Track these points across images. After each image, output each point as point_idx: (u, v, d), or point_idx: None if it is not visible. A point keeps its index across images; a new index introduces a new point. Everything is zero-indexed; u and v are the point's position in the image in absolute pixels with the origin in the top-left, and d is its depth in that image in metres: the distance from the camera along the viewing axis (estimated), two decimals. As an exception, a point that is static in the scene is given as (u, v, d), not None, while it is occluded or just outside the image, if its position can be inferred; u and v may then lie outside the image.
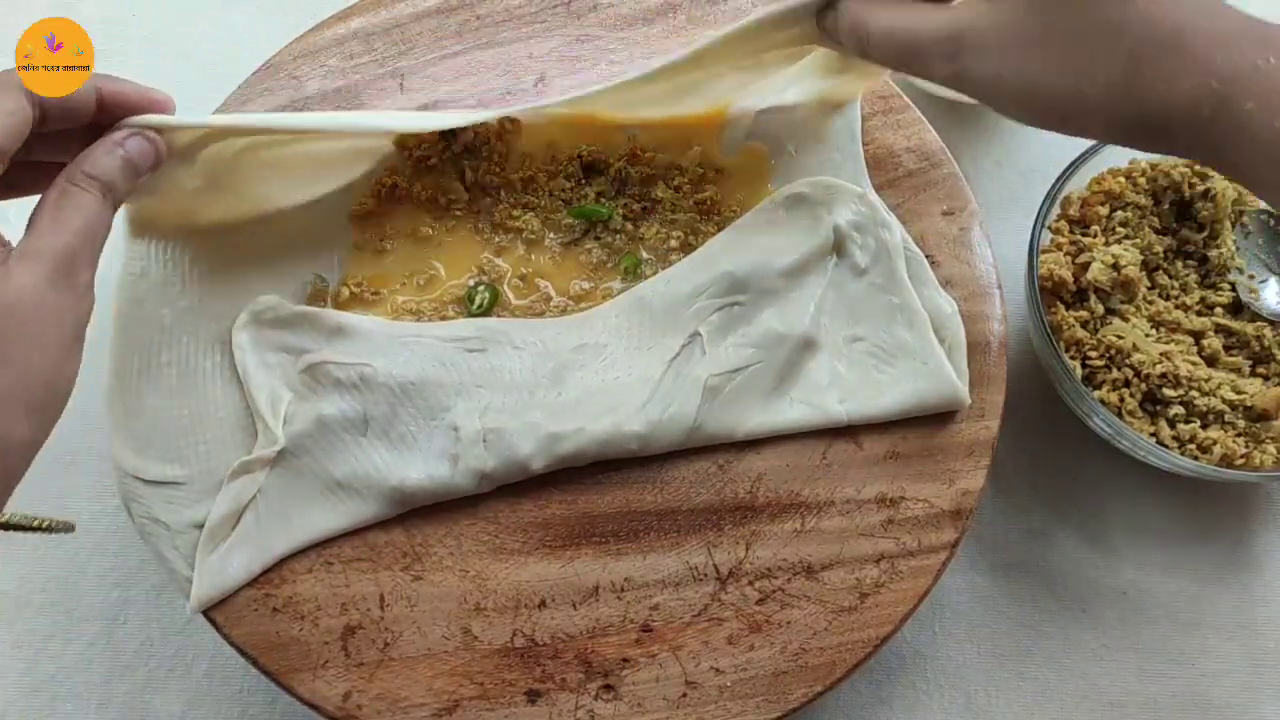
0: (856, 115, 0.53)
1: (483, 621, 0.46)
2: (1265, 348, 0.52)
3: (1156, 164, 0.55)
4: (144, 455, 0.46)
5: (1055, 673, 0.53)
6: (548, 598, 0.47)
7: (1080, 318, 0.52)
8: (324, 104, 0.54)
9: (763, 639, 0.46)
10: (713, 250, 0.51)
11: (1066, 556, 0.55)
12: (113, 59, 0.64)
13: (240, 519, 0.46)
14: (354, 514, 0.47)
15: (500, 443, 0.47)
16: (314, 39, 0.56)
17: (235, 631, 0.45)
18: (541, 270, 0.52)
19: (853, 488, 0.48)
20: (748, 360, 0.48)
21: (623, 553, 0.47)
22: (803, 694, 0.45)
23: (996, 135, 0.63)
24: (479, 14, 0.57)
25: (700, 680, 0.45)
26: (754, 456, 0.49)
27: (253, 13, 0.66)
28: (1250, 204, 0.55)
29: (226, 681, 0.52)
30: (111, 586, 0.54)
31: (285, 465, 0.47)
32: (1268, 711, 0.52)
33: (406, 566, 0.47)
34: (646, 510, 0.48)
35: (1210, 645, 0.53)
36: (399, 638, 0.46)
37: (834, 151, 0.52)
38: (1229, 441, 0.50)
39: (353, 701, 0.45)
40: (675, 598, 0.47)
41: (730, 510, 0.48)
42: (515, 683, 0.45)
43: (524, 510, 0.48)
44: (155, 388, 0.47)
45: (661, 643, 0.46)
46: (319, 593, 0.46)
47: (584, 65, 0.55)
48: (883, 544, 0.47)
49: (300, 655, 0.45)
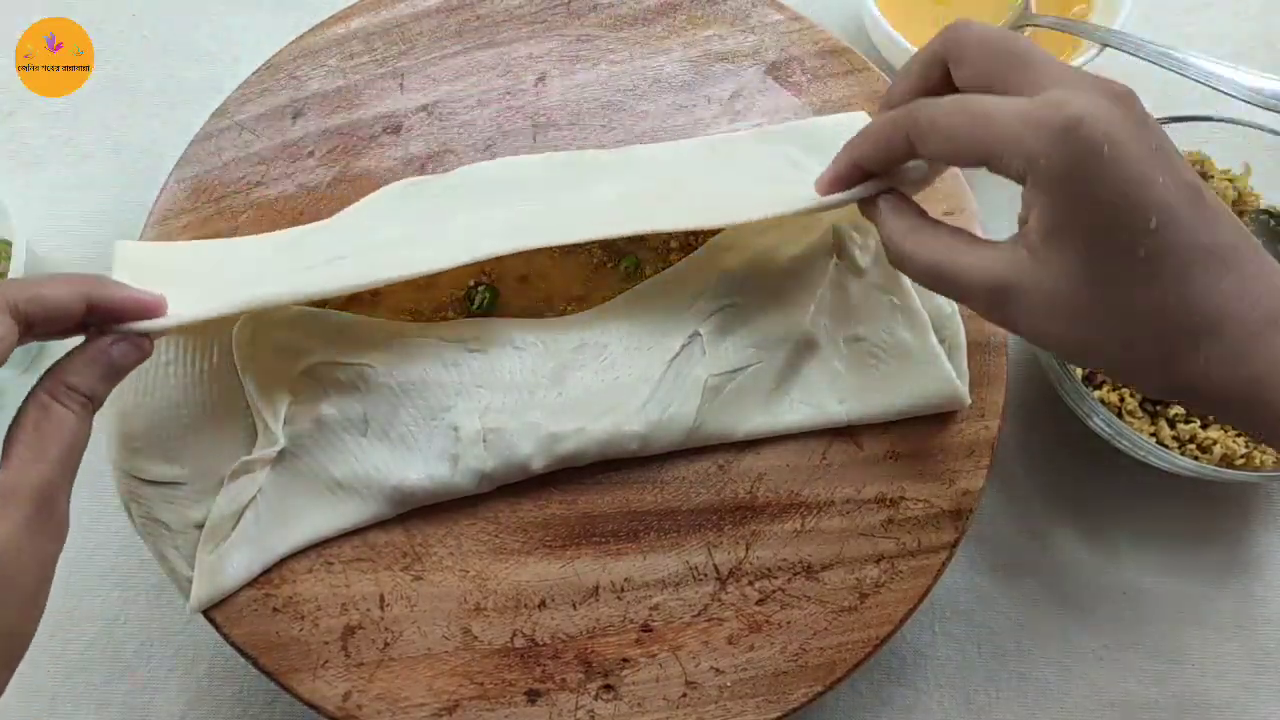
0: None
1: (483, 621, 0.46)
2: (1265, 348, 0.52)
3: (1156, 164, 0.55)
4: (144, 455, 0.46)
5: (1055, 673, 0.53)
6: (548, 598, 0.47)
7: (1080, 318, 0.52)
8: (324, 104, 0.54)
9: (763, 639, 0.46)
10: (714, 246, 0.51)
11: (1066, 556, 0.55)
12: (113, 59, 0.64)
13: (240, 519, 0.46)
14: (354, 514, 0.47)
15: (500, 443, 0.47)
16: (314, 39, 0.56)
17: (235, 631, 0.45)
18: (541, 270, 0.52)
19: (853, 488, 0.48)
20: (748, 360, 0.48)
21: (623, 553, 0.47)
22: (803, 694, 0.45)
23: (996, 135, 0.63)
24: (479, 14, 0.57)
25: (700, 680, 0.45)
26: (754, 456, 0.49)
27: (253, 13, 0.66)
28: (1250, 204, 0.55)
29: (226, 681, 0.52)
30: (111, 586, 0.54)
31: (285, 465, 0.47)
32: (1268, 711, 0.52)
33: (406, 566, 0.47)
34: (646, 510, 0.48)
35: (1210, 645, 0.53)
36: (399, 638, 0.46)
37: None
38: (1229, 441, 0.50)
39: (353, 701, 0.45)
40: (675, 598, 0.47)
41: (730, 510, 0.48)
42: (515, 683, 0.45)
43: (524, 510, 0.48)
44: (155, 387, 0.47)
45: (661, 643, 0.46)
46: (319, 593, 0.46)
47: (584, 65, 0.55)
48: (883, 544, 0.47)
49: (300, 655, 0.45)
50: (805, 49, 0.56)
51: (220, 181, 0.53)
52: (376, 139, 0.54)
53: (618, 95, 0.55)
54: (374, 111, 0.55)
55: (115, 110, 0.63)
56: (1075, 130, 0.33)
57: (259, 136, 0.54)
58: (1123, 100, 0.34)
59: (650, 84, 0.55)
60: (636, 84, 0.55)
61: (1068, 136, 0.33)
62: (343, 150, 0.54)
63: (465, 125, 0.54)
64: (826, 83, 0.55)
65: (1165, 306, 0.34)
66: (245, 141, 0.54)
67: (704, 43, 0.56)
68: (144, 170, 0.61)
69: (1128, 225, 0.33)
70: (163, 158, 0.60)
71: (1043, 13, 0.60)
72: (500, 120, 0.54)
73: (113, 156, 0.62)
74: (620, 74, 0.55)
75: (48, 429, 0.36)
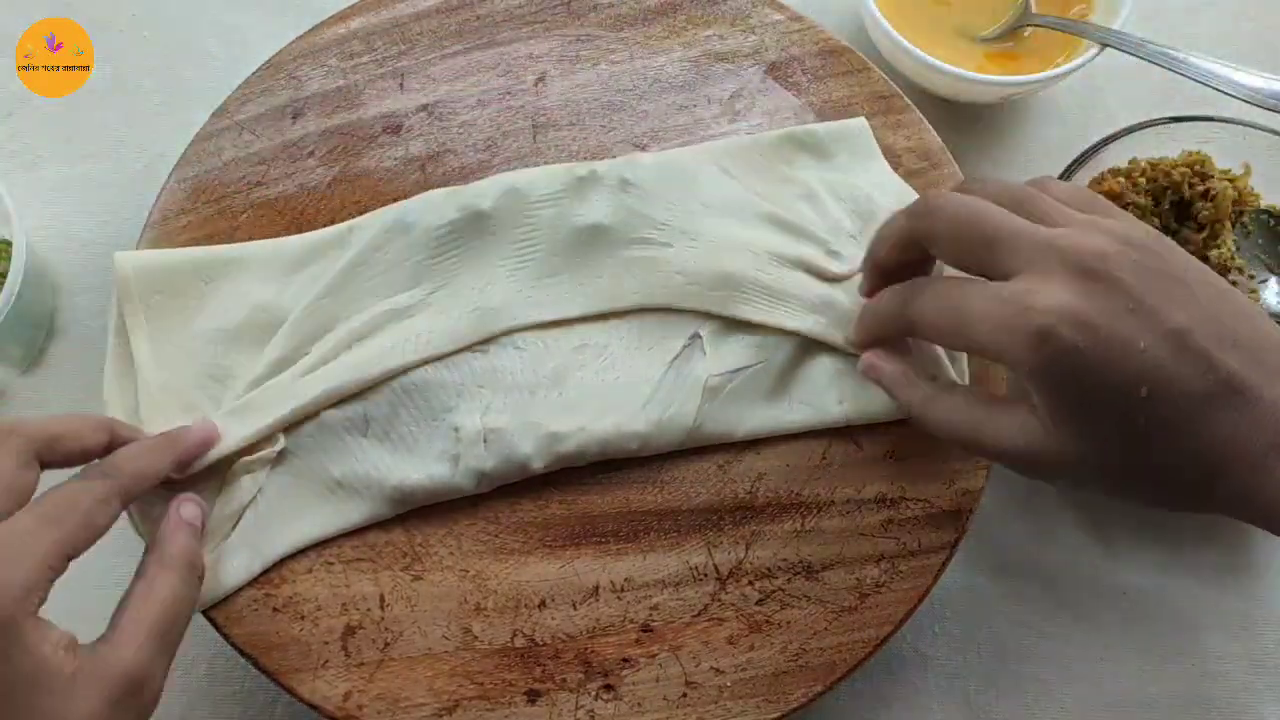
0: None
1: (483, 621, 0.46)
2: (1265, 348, 0.52)
3: (1156, 164, 0.55)
4: (144, 455, 0.46)
5: (1055, 673, 0.53)
6: (548, 598, 0.47)
7: (1080, 318, 0.52)
8: (324, 104, 0.54)
9: (763, 639, 0.46)
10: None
11: (1066, 556, 0.55)
12: (113, 59, 0.64)
13: (240, 519, 0.46)
14: (354, 514, 0.47)
15: (501, 443, 0.47)
16: (314, 39, 0.56)
17: (235, 631, 0.45)
18: (541, 270, 0.52)
19: (853, 488, 0.48)
20: (748, 360, 0.48)
21: (623, 553, 0.47)
22: (803, 694, 0.45)
23: (996, 135, 0.63)
24: (479, 14, 0.57)
25: (700, 680, 0.45)
26: (754, 456, 0.49)
27: (253, 13, 0.66)
28: (1250, 204, 0.55)
29: (226, 681, 0.52)
30: (112, 586, 0.54)
31: (285, 465, 0.47)
32: (1268, 711, 0.52)
33: (406, 566, 0.47)
34: (646, 510, 0.48)
35: (1210, 645, 0.53)
36: (399, 638, 0.46)
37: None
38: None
39: (353, 701, 0.45)
40: (675, 598, 0.47)
41: (730, 510, 0.48)
42: (515, 683, 0.45)
43: (524, 510, 0.48)
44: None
45: (661, 643, 0.46)
46: (319, 593, 0.46)
47: (584, 65, 0.55)
48: (883, 544, 0.47)
49: (300, 655, 0.45)
50: (805, 49, 0.56)
51: (220, 182, 0.53)
52: (376, 139, 0.54)
53: (618, 95, 0.55)
54: (374, 111, 0.55)
55: (115, 110, 0.63)
56: (1047, 340, 0.35)
57: (259, 136, 0.54)
58: (1092, 276, 0.35)
59: (650, 84, 0.55)
60: (636, 84, 0.55)
61: (1042, 346, 0.35)
62: (343, 150, 0.54)
63: (465, 125, 0.54)
64: (826, 83, 0.55)
65: (1180, 463, 0.35)
66: (245, 141, 0.54)
67: (704, 43, 0.56)
68: (144, 170, 0.61)
69: (1120, 405, 0.35)
70: (163, 158, 0.60)
71: (1043, 13, 0.60)
72: (500, 120, 0.54)
73: (113, 156, 0.62)
74: (620, 74, 0.55)
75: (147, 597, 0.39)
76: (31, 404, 0.56)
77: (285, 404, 0.46)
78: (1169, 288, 0.35)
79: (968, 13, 0.61)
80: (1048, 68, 0.57)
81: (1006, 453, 0.38)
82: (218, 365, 0.48)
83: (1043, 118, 0.63)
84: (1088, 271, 0.35)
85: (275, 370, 0.47)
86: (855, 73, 0.55)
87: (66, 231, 0.60)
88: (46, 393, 0.56)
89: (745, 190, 0.51)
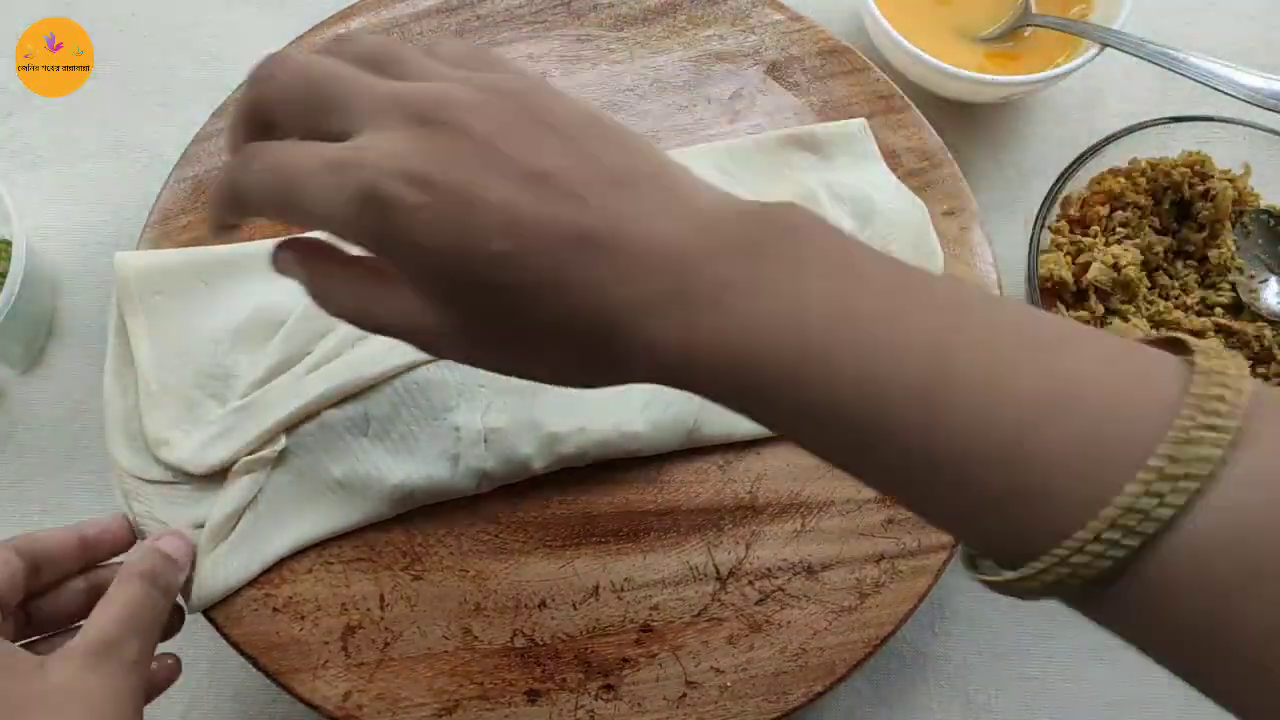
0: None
1: (483, 621, 0.46)
2: (1265, 348, 0.52)
3: (1156, 164, 0.55)
4: (144, 454, 0.46)
5: (1055, 673, 0.53)
6: (548, 598, 0.47)
7: (1081, 318, 0.52)
8: (324, 104, 0.54)
9: (763, 639, 0.46)
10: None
11: (1066, 556, 0.55)
12: (113, 59, 0.64)
13: (240, 519, 0.46)
14: (354, 514, 0.47)
15: (501, 443, 0.47)
16: (314, 39, 0.56)
17: (235, 631, 0.45)
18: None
19: (853, 488, 0.48)
20: (748, 360, 0.48)
21: (623, 553, 0.47)
22: (803, 694, 0.45)
23: (996, 135, 0.63)
24: (479, 14, 0.57)
25: (700, 680, 0.45)
26: (754, 456, 0.49)
27: (253, 13, 0.66)
28: (1250, 204, 0.55)
29: (226, 681, 0.52)
30: (111, 586, 0.54)
31: (286, 465, 0.47)
32: (1268, 711, 0.52)
33: (406, 566, 0.47)
34: (646, 510, 0.48)
35: (1210, 645, 0.53)
36: (399, 637, 0.46)
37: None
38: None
39: (353, 701, 0.45)
40: (675, 598, 0.47)
41: (730, 510, 0.48)
42: (515, 683, 0.45)
43: (524, 510, 0.48)
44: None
45: (661, 643, 0.46)
46: (319, 593, 0.46)
47: (584, 65, 0.55)
48: (883, 544, 0.47)
49: (300, 655, 0.45)
50: (805, 49, 0.56)
51: (220, 181, 0.53)
52: (376, 139, 0.54)
53: (618, 95, 0.55)
54: (374, 111, 0.54)
55: (115, 110, 0.63)
56: (373, 198, 0.29)
57: (259, 136, 0.54)
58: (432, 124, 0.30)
59: (650, 84, 0.55)
60: (637, 84, 0.55)
61: (368, 205, 0.29)
62: (343, 150, 0.54)
63: (465, 125, 0.54)
64: (826, 83, 0.55)
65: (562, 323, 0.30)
66: (245, 141, 0.54)
67: (704, 43, 0.56)
68: (144, 170, 0.61)
69: (476, 264, 0.30)
70: (163, 158, 0.60)
71: (1043, 13, 0.60)
72: (500, 120, 0.54)
73: (113, 156, 0.62)
74: (620, 74, 0.55)
75: (110, 598, 0.39)
76: (31, 404, 0.56)
77: (288, 404, 0.46)
78: (533, 132, 0.30)
79: (968, 13, 0.61)
80: (1048, 68, 0.57)
81: (391, 331, 0.33)
82: (218, 365, 0.48)
83: (1043, 118, 0.63)
84: (427, 120, 0.30)
85: (277, 370, 0.47)
86: (855, 73, 0.55)
87: (66, 231, 0.60)
88: (46, 393, 0.56)
89: (745, 190, 0.51)
